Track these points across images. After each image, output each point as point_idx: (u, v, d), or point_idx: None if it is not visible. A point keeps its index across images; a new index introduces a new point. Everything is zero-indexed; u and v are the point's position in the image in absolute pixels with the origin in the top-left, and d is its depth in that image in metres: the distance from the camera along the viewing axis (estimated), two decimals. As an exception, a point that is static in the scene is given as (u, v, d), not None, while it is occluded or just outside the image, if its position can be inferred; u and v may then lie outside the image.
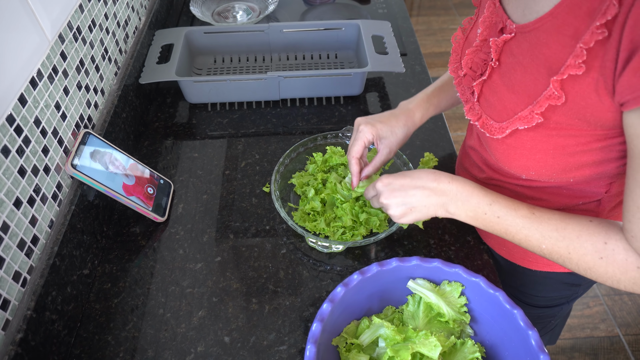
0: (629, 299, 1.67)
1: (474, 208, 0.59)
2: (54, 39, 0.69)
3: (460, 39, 0.66)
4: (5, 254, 0.56)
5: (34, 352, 0.58)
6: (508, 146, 0.57)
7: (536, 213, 0.56)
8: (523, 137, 0.55)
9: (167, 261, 0.75)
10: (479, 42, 0.59)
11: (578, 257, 0.54)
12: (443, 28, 2.98)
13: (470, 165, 0.77)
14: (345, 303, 0.59)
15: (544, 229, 0.55)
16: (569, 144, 0.52)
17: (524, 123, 0.53)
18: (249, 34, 1.09)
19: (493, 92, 0.57)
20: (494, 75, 0.56)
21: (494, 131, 0.57)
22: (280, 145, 0.93)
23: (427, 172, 0.61)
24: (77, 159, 0.70)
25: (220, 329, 0.67)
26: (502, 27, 0.55)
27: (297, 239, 0.78)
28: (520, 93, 0.53)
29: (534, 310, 0.87)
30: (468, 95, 0.62)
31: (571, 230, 0.54)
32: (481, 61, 0.59)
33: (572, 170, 0.55)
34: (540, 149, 0.54)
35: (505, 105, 0.55)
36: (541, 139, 0.53)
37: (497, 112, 0.57)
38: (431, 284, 0.62)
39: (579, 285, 0.80)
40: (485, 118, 0.58)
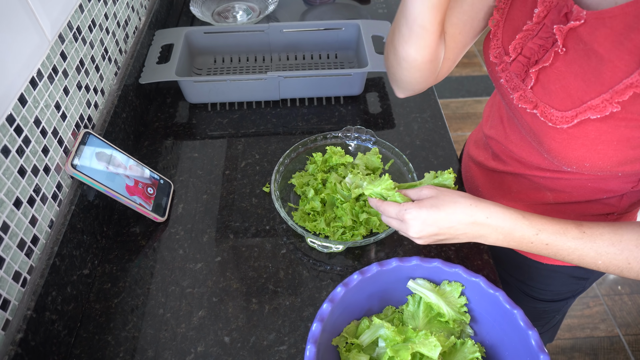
0: (629, 299, 1.67)
1: (518, 240, 0.56)
2: (54, 39, 0.69)
3: (498, 21, 0.62)
4: (5, 254, 0.56)
5: (34, 352, 0.58)
6: (569, 136, 0.54)
7: (587, 232, 0.54)
8: (589, 127, 0.52)
9: (167, 261, 0.75)
10: (533, 25, 0.56)
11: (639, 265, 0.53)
12: (443, 28, 2.97)
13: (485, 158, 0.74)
14: (345, 303, 0.59)
15: (599, 247, 0.54)
16: (634, 135, 0.50)
17: (596, 112, 0.50)
18: (249, 34, 1.09)
19: (555, 80, 0.54)
20: (557, 62, 0.53)
21: (557, 120, 0.54)
22: (280, 145, 0.93)
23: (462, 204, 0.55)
24: (77, 159, 0.70)
25: (220, 329, 0.67)
26: (566, 12, 0.52)
27: (297, 239, 0.78)
28: (593, 81, 0.50)
29: (540, 305, 0.87)
30: (517, 82, 0.58)
31: (627, 241, 0.53)
32: (537, 47, 0.55)
33: (627, 163, 0.54)
34: (604, 139, 0.52)
35: (571, 94, 0.52)
36: (607, 130, 0.51)
37: (560, 100, 0.54)
38: (431, 284, 0.62)
39: (586, 279, 0.80)
40: (544, 106, 0.55)
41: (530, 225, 0.54)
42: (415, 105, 1.01)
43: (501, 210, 0.55)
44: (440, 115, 0.99)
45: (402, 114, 0.99)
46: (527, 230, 0.54)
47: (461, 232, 0.56)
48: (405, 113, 0.99)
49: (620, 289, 1.70)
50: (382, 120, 0.98)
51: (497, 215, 0.54)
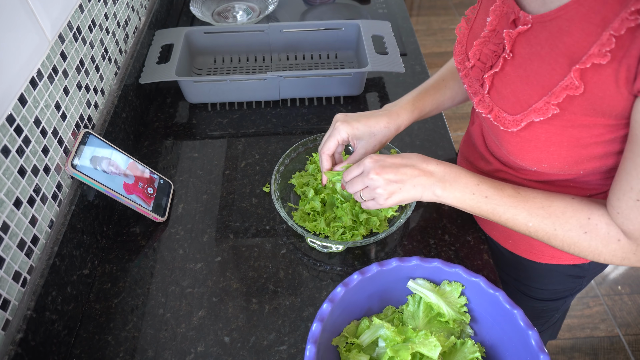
0: (629, 299, 1.67)
1: (462, 189, 0.59)
2: (54, 39, 0.69)
3: (465, 29, 0.65)
4: (5, 254, 0.56)
5: (34, 352, 0.58)
6: (522, 139, 0.57)
7: (521, 192, 0.58)
8: (537, 130, 0.54)
9: (167, 261, 0.75)
10: (488, 32, 0.58)
11: (564, 233, 0.56)
12: (443, 28, 2.98)
13: (475, 159, 0.76)
14: (345, 303, 0.59)
15: (530, 207, 0.57)
16: (582, 135, 0.52)
17: (539, 115, 0.52)
18: (249, 34, 1.09)
19: (506, 84, 0.56)
20: (506, 67, 0.56)
21: (508, 124, 0.56)
22: (280, 145, 0.93)
23: (416, 154, 0.61)
24: (77, 159, 0.70)
25: (220, 329, 0.67)
26: (514, 19, 0.54)
27: (297, 239, 0.78)
28: (535, 84, 0.52)
29: (539, 304, 0.87)
30: (477, 88, 0.61)
31: (556, 207, 0.56)
32: (491, 52, 0.58)
33: (584, 162, 0.56)
34: (555, 141, 0.54)
35: (519, 97, 0.54)
36: (556, 131, 0.53)
37: (510, 105, 0.56)
38: (431, 284, 0.62)
39: (583, 277, 0.80)
40: (498, 110, 0.57)
41: (473, 176, 0.60)
42: (415, 105, 1.01)
43: (449, 163, 0.61)
44: (440, 115, 0.99)
45: (402, 114, 0.99)
46: (470, 180, 0.59)
47: (416, 175, 0.60)
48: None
49: (620, 289, 1.70)
50: (382, 120, 0.98)
51: (446, 164, 0.60)
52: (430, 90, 0.76)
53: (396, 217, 0.77)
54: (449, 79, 0.77)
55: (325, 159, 0.70)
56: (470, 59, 0.61)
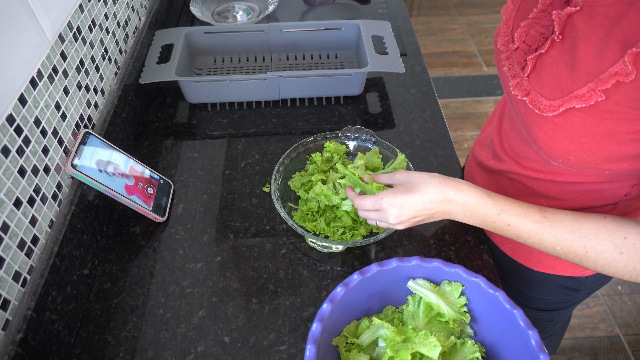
0: (629, 299, 1.67)
1: (482, 218, 0.59)
2: (54, 39, 0.69)
3: (511, 9, 0.62)
4: (5, 254, 0.56)
5: (34, 352, 0.58)
6: (555, 125, 0.54)
7: (548, 217, 0.55)
8: (574, 117, 0.52)
9: (167, 261, 0.75)
10: (538, 13, 0.56)
11: (596, 255, 0.54)
12: (443, 28, 2.98)
13: (486, 157, 0.75)
14: (345, 303, 0.59)
15: (558, 232, 0.55)
16: (619, 130, 0.50)
17: (581, 101, 0.50)
18: (249, 34, 1.09)
19: (548, 68, 0.54)
20: (552, 50, 0.53)
21: (544, 108, 0.54)
22: (280, 145, 0.93)
23: (432, 183, 0.58)
24: (77, 159, 0.70)
25: (220, 329, 0.67)
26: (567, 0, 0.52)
27: (297, 239, 0.78)
28: (580, 70, 0.50)
29: (531, 312, 0.87)
30: (517, 70, 0.58)
31: (587, 229, 0.54)
32: (538, 34, 0.55)
33: (612, 161, 0.53)
34: (589, 132, 0.52)
35: (560, 82, 0.52)
36: (592, 122, 0.51)
37: (550, 89, 0.54)
38: (431, 284, 0.62)
39: (578, 291, 0.80)
40: (535, 94, 0.55)
41: (494, 205, 0.57)
42: (415, 105, 1.01)
43: (468, 188, 0.58)
44: (440, 115, 0.99)
45: (402, 114, 0.99)
46: (491, 210, 0.57)
47: (435, 211, 0.59)
48: (405, 113, 0.99)
49: (620, 289, 1.70)
50: (382, 120, 0.98)
51: (464, 192, 0.58)
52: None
53: (396, 217, 0.77)
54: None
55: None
56: (515, 41, 0.59)
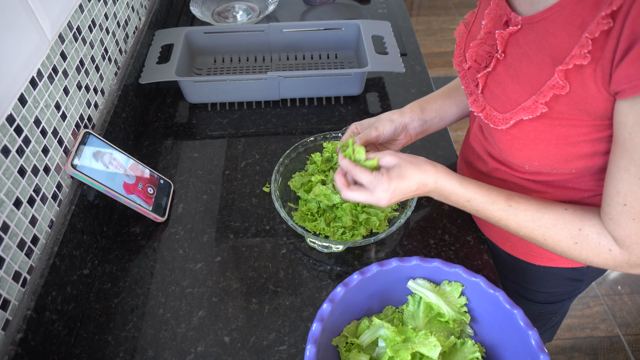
0: (629, 299, 1.67)
1: (454, 202, 0.63)
2: (54, 39, 0.69)
3: (463, 32, 0.67)
4: (5, 254, 0.56)
5: (34, 352, 0.58)
6: (512, 137, 0.58)
7: (513, 205, 0.59)
8: (526, 127, 0.56)
9: (167, 261, 0.75)
10: (484, 35, 0.60)
11: (554, 243, 0.58)
12: (443, 28, 2.98)
13: (474, 159, 0.76)
14: (345, 303, 0.59)
15: (520, 220, 0.59)
16: (570, 134, 0.54)
17: (528, 113, 0.54)
18: (249, 34, 1.09)
19: (497, 84, 0.58)
20: (498, 67, 0.57)
21: (498, 122, 0.58)
22: (280, 145, 0.93)
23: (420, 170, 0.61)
24: (77, 159, 0.70)
25: (220, 329, 0.67)
26: (506, 20, 0.56)
27: (297, 239, 0.78)
28: (525, 84, 0.54)
29: (536, 307, 0.87)
30: (472, 88, 0.63)
31: (547, 219, 0.58)
32: (486, 53, 0.60)
33: (574, 160, 0.57)
34: (543, 139, 0.56)
35: (509, 96, 0.56)
36: (544, 129, 0.55)
37: (501, 103, 0.58)
38: (431, 284, 0.62)
39: (581, 281, 0.80)
40: (489, 109, 0.59)
41: (464, 193, 0.61)
42: (415, 105, 1.01)
43: (444, 176, 0.61)
44: (440, 115, 0.99)
45: (402, 114, 0.99)
46: (461, 197, 0.62)
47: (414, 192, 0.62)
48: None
49: (620, 289, 1.70)
50: (382, 120, 0.98)
51: (441, 180, 0.61)
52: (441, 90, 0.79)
53: (396, 217, 0.77)
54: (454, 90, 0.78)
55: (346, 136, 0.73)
56: (467, 61, 0.63)
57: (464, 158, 0.82)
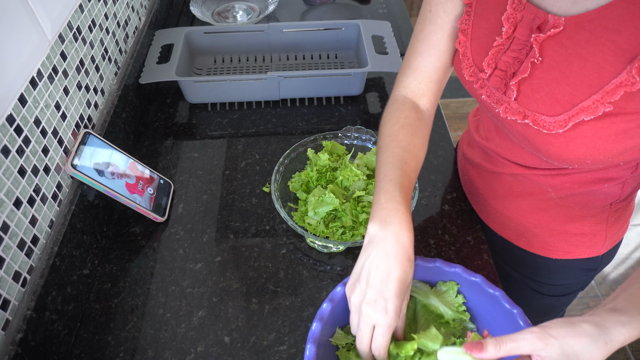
0: (629, 299, 1.67)
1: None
2: (54, 39, 0.69)
3: (465, 42, 0.64)
4: (5, 254, 0.56)
5: (34, 352, 0.58)
6: (567, 139, 0.56)
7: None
8: (585, 127, 0.53)
9: (167, 261, 0.75)
10: (504, 41, 0.58)
11: None
12: (443, 28, 2.97)
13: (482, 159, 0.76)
14: (345, 303, 0.59)
15: None
16: (630, 126, 0.52)
17: (589, 114, 0.52)
18: (249, 34, 1.09)
19: (537, 89, 0.56)
20: (535, 71, 0.55)
21: (551, 126, 0.55)
22: (280, 145, 0.93)
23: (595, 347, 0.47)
24: (77, 159, 0.70)
25: (220, 329, 0.67)
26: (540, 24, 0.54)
27: (297, 239, 0.78)
28: (579, 84, 0.52)
29: (550, 300, 0.86)
30: (499, 96, 0.60)
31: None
32: (511, 59, 0.58)
33: (627, 152, 0.55)
34: (602, 135, 0.53)
35: (558, 99, 0.54)
36: (603, 126, 0.53)
37: (548, 107, 0.55)
38: (426, 285, 0.62)
39: (595, 270, 0.80)
40: (534, 115, 0.57)
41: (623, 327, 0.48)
42: (415, 105, 1.00)
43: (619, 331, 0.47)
44: (440, 115, 0.99)
45: (402, 114, 0.99)
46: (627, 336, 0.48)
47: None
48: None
49: (620, 289, 1.70)
50: (382, 120, 0.98)
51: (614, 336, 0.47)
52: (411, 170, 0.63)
53: (396, 217, 0.77)
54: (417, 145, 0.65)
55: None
56: (486, 69, 0.60)
57: (468, 159, 0.81)
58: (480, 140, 0.76)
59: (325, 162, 0.80)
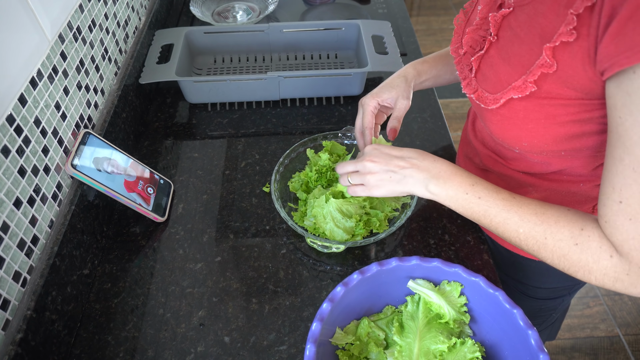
0: (628, 299, 1.67)
1: (455, 187, 0.58)
2: (54, 39, 0.69)
3: (462, 20, 0.68)
4: (5, 254, 0.56)
5: (34, 352, 0.58)
6: (502, 117, 0.59)
7: (517, 197, 0.57)
8: (516, 107, 0.56)
9: (167, 261, 0.75)
10: (479, 20, 0.61)
11: (554, 243, 0.53)
12: (443, 28, 2.98)
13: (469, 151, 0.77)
14: (345, 303, 0.60)
15: (523, 212, 0.55)
16: (559, 113, 0.54)
17: (517, 92, 0.54)
18: (249, 34, 1.09)
19: (490, 66, 0.59)
20: (491, 49, 0.58)
21: (489, 102, 0.59)
22: (280, 145, 0.93)
23: (417, 150, 0.62)
24: (77, 159, 0.70)
25: (220, 329, 0.67)
26: (500, 3, 0.57)
27: (297, 239, 0.78)
28: (516, 64, 0.55)
29: (536, 303, 0.87)
30: (466, 72, 0.64)
31: (550, 215, 0.54)
32: (480, 38, 0.61)
33: (562, 141, 0.57)
34: (533, 118, 0.56)
35: (500, 78, 0.57)
36: (533, 108, 0.55)
37: (492, 85, 0.58)
38: (431, 283, 0.62)
39: None
40: (481, 91, 0.60)
41: (468, 176, 0.59)
42: (415, 105, 1.00)
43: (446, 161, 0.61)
44: (440, 115, 0.99)
45: (402, 114, 0.99)
46: (466, 179, 0.59)
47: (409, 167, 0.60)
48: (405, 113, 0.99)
49: (620, 289, 1.70)
50: (382, 120, 0.98)
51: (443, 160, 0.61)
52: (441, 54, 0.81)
53: (396, 217, 0.77)
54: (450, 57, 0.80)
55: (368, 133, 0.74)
56: (463, 46, 0.64)
57: (463, 152, 0.83)
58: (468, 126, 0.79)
59: (325, 162, 0.80)
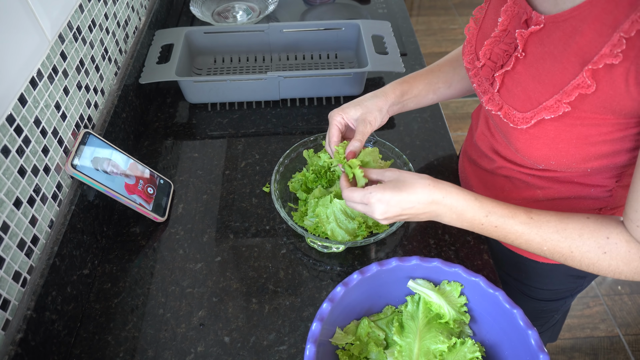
0: (629, 299, 1.67)
1: (469, 221, 0.58)
2: (54, 39, 0.69)
3: (474, 29, 0.66)
4: (5, 254, 0.56)
5: (34, 352, 0.58)
6: (531, 136, 0.57)
7: (534, 217, 0.56)
8: (547, 127, 0.55)
9: (167, 261, 0.75)
10: (499, 32, 0.59)
11: (581, 255, 0.55)
12: (443, 28, 2.98)
13: (478, 157, 0.76)
14: (345, 303, 0.60)
15: (544, 233, 0.56)
16: (591, 133, 0.53)
17: (550, 113, 0.53)
18: (249, 34, 1.09)
19: (517, 83, 0.57)
20: (518, 66, 0.56)
21: (518, 121, 0.57)
22: (280, 145, 0.93)
23: (422, 184, 0.58)
24: (77, 159, 0.70)
25: (220, 329, 0.67)
26: (526, 19, 0.55)
27: (297, 239, 0.78)
28: (547, 83, 0.53)
29: (538, 304, 0.87)
30: (486, 86, 0.62)
31: (572, 229, 0.55)
32: (502, 52, 0.59)
33: (591, 160, 0.56)
34: (564, 138, 0.55)
35: (530, 96, 0.55)
36: (565, 129, 0.54)
37: (521, 102, 0.57)
38: (431, 283, 0.62)
39: (584, 278, 0.80)
40: (508, 108, 0.58)
41: (481, 207, 0.57)
42: (415, 105, 1.01)
43: (456, 191, 0.58)
44: (440, 115, 0.99)
45: (402, 114, 0.99)
46: (478, 212, 0.57)
47: (421, 212, 0.59)
48: (405, 113, 0.99)
49: (620, 289, 1.70)
50: (382, 120, 0.98)
51: (452, 195, 0.58)
52: (422, 73, 0.77)
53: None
54: (444, 64, 0.78)
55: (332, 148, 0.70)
56: (481, 58, 0.62)
57: (467, 156, 0.82)
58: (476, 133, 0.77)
59: (324, 163, 0.80)
